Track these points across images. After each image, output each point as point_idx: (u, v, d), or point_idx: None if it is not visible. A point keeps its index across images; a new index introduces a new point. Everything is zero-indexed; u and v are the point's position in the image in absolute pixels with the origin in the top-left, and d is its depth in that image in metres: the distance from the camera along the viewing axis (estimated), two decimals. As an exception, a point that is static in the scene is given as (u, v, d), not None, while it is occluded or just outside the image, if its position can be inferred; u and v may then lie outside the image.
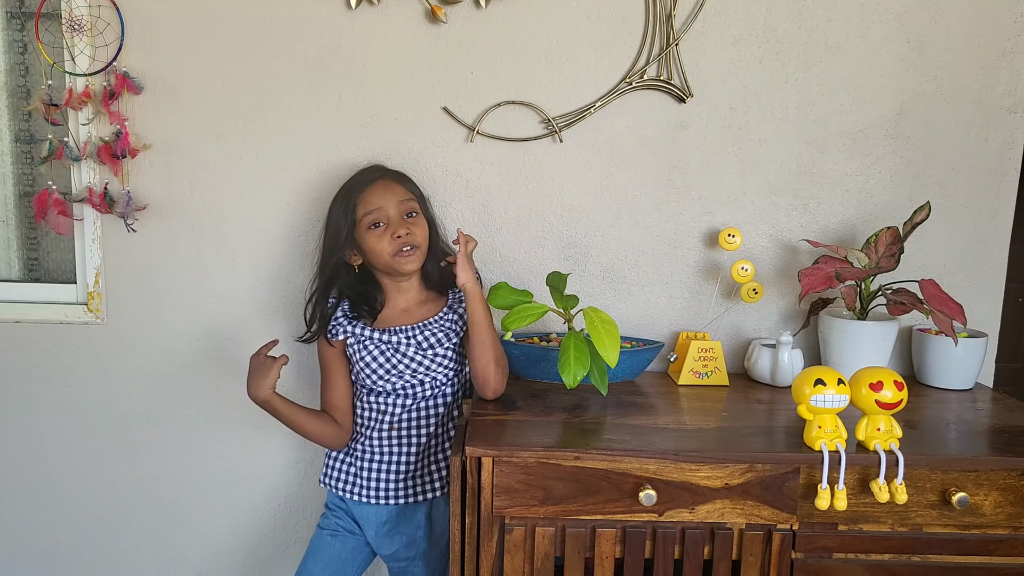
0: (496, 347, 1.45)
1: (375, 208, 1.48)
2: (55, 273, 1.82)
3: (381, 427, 1.52)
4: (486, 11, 1.64)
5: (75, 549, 1.85)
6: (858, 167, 1.69)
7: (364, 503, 1.54)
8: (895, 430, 1.25)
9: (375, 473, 1.53)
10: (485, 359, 1.44)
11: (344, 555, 1.57)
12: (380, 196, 1.49)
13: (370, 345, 1.51)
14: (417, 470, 1.52)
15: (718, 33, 1.65)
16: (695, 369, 1.62)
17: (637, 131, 1.68)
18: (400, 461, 1.52)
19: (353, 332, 1.52)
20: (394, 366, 1.50)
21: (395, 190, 1.51)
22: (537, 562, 1.26)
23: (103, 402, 1.79)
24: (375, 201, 1.49)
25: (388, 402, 1.52)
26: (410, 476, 1.52)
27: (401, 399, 1.52)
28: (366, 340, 1.52)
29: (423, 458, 1.53)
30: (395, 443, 1.52)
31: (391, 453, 1.52)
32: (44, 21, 1.69)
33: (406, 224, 1.49)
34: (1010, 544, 1.27)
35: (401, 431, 1.52)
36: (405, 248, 1.48)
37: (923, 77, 1.67)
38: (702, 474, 1.25)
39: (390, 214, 1.49)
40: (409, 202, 1.51)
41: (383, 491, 1.52)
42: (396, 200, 1.49)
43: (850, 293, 1.55)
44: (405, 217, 1.50)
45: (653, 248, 1.73)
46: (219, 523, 1.83)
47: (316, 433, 1.51)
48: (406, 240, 1.47)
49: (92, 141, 1.67)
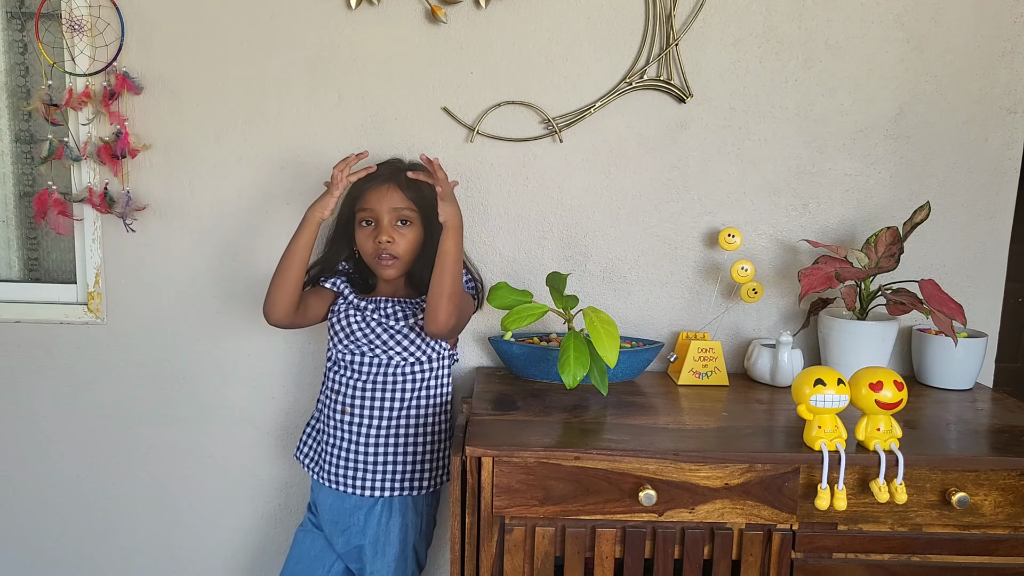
0: (455, 284, 1.42)
1: (369, 208, 1.52)
2: (55, 273, 1.82)
3: (335, 406, 1.53)
4: (486, 11, 1.64)
5: (75, 549, 1.85)
6: (858, 167, 1.70)
7: (317, 483, 1.57)
8: (895, 430, 1.25)
9: (326, 455, 1.54)
10: (438, 288, 1.41)
11: (313, 552, 1.58)
12: (377, 199, 1.51)
13: (343, 305, 1.55)
14: (366, 462, 1.50)
15: (718, 33, 1.65)
16: (695, 369, 1.62)
17: (637, 131, 1.68)
18: (348, 448, 1.51)
19: (340, 290, 1.57)
20: (352, 331, 1.51)
21: (393, 197, 1.51)
22: (537, 562, 1.26)
23: (103, 402, 1.79)
24: (371, 202, 1.52)
25: (343, 381, 1.52)
26: (359, 466, 1.51)
27: (354, 379, 1.51)
28: (343, 302, 1.56)
29: (374, 451, 1.50)
30: (345, 427, 1.51)
31: (340, 438, 1.52)
32: (44, 21, 1.69)
33: (393, 232, 1.51)
34: (1010, 544, 1.27)
35: (354, 415, 1.51)
36: (385, 255, 1.51)
37: (923, 77, 1.67)
38: (702, 474, 1.25)
39: (381, 218, 1.51)
40: (403, 211, 1.51)
41: (329, 472, 1.53)
42: (390, 207, 1.51)
43: (850, 293, 1.55)
44: (397, 224, 1.52)
45: (653, 248, 1.73)
46: (219, 523, 1.83)
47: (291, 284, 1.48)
48: (386, 248, 1.50)
49: (92, 141, 1.68)
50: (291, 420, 1.79)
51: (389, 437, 1.51)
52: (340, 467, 1.52)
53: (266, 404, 1.78)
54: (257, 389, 1.78)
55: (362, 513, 1.52)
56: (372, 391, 1.51)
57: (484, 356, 1.77)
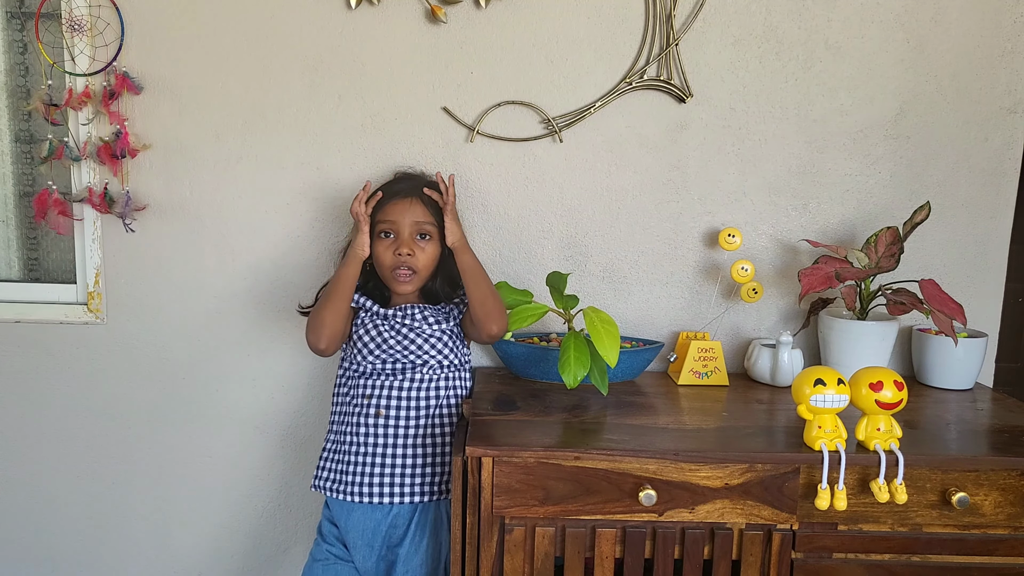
0: (490, 283, 1.48)
1: (390, 220, 1.51)
2: (55, 273, 1.82)
3: (366, 411, 1.48)
4: (486, 11, 1.64)
5: (75, 549, 1.85)
6: (858, 167, 1.70)
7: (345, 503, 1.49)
8: (895, 430, 1.25)
9: (357, 469, 1.48)
10: (480, 292, 1.46)
11: None
12: (399, 212, 1.51)
13: (367, 317, 1.53)
14: (404, 466, 1.47)
15: (718, 33, 1.65)
16: (695, 369, 1.62)
17: (637, 131, 1.68)
18: (385, 455, 1.47)
19: (361, 303, 1.54)
20: (385, 340, 1.49)
21: (415, 210, 1.51)
22: (537, 562, 1.26)
23: (103, 402, 1.79)
24: (393, 214, 1.51)
25: (374, 385, 1.49)
26: (395, 472, 1.47)
27: (389, 381, 1.48)
28: (366, 314, 1.53)
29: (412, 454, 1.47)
30: (380, 430, 1.47)
31: (374, 444, 1.47)
32: (44, 21, 1.69)
33: (413, 245, 1.50)
34: (1010, 544, 1.27)
35: (388, 418, 1.47)
36: (403, 268, 1.50)
37: (923, 77, 1.67)
38: (702, 474, 1.25)
39: (402, 231, 1.50)
40: (424, 225, 1.51)
41: (361, 486, 1.47)
42: (412, 220, 1.51)
43: (850, 293, 1.55)
44: (417, 238, 1.51)
45: (653, 248, 1.73)
46: (218, 523, 1.83)
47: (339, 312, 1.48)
48: (406, 260, 1.50)
49: (92, 141, 1.67)
50: (291, 420, 1.79)
51: (426, 438, 1.48)
52: (376, 476, 1.46)
53: (266, 404, 1.78)
54: (257, 389, 1.78)
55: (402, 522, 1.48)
56: (408, 393, 1.48)
57: (484, 356, 1.77)
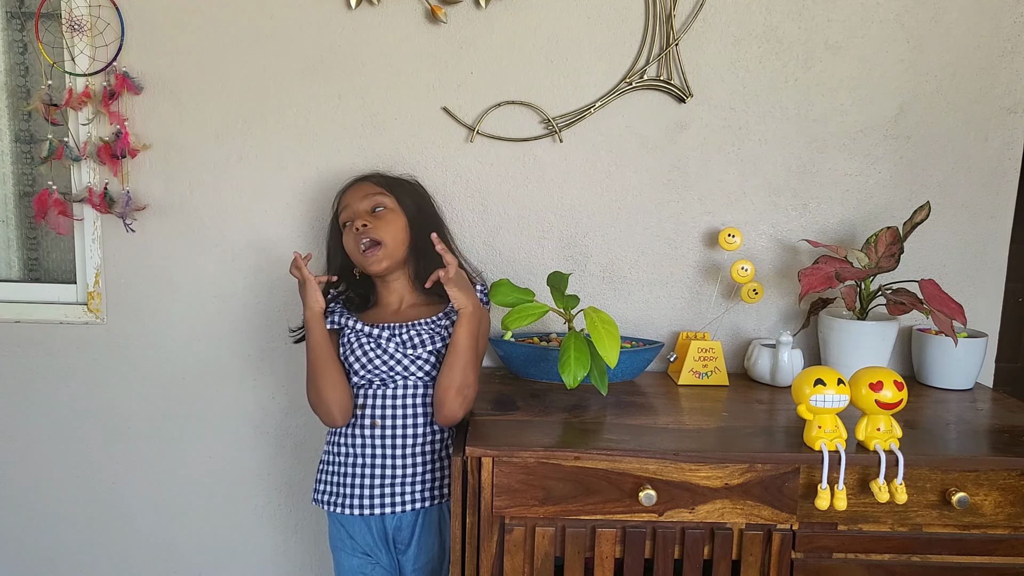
0: (464, 375, 1.38)
1: (346, 207, 1.50)
2: (55, 273, 1.82)
3: (362, 422, 1.45)
4: (486, 11, 1.64)
5: (75, 549, 1.85)
6: (858, 167, 1.70)
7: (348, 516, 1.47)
8: (895, 430, 1.25)
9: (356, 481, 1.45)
10: (446, 381, 1.38)
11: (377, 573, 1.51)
12: (351, 194, 1.50)
13: (352, 336, 1.47)
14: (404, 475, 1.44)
15: (718, 33, 1.65)
16: (695, 369, 1.62)
17: (637, 131, 1.68)
18: (384, 464, 1.44)
19: (342, 323, 1.50)
20: (370, 360, 1.44)
21: (364, 187, 1.50)
22: (537, 562, 1.26)
23: (103, 402, 1.79)
24: (346, 200, 1.50)
25: (368, 394, 1.46)
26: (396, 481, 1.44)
27: (381, 389, 1.45)
28: (351, 332, 1.48)
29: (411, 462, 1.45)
30: (377, 441, 1.44)
31: (373, 455, 1.44)
32: (44, 21, 1.69)
33: (368, 217, 1.46)
34: (1010, 544, 1.27)
35: (385, 428, 1.44)
36: (364, 241, 1.45)
37: (923, 77, 1.67)
38: (702, 474, 1.25)
39: (356, 210, 1.48)
40: (376, 196, 1.48)
41: (362, 498, 1.45)
42: (362, 195, 1.49)
43: (850, 293, 1.55)
44: (371, 212, 1.48)
45: (653, 248, 1.73)
46: (219, 523, 1.83)
47: (335, 383, 1.43)
48: (363, 232, 1.44)
49: (92, 141, 1.67)
50: (291, 420, 1.79)
51: (424, 444, 1.45)
52: (376, 488, 1.44)
53: (266, 404, 1.78)
54: (257, 389, 1.78)
55: (406, 526, 1.47)
56: (402, 400, 1.45)
57: (484, 356, 1.76)
